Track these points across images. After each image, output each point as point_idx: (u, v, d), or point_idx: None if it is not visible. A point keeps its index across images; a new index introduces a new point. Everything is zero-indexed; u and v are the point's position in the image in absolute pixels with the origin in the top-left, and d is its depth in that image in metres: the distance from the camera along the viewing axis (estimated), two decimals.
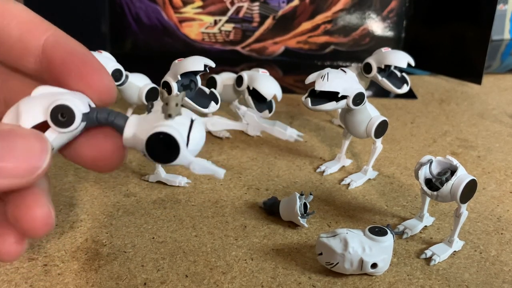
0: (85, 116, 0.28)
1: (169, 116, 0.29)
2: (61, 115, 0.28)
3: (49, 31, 0.28)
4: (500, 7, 0.95)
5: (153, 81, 0.59)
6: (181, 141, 0.28)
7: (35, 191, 0.26)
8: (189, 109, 0.50)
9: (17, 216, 0.25)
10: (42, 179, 0.27)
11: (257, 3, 0.86)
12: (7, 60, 0.28)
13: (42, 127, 0.27)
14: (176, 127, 0.28)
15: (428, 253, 0.42)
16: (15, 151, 0.24)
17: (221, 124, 0.32)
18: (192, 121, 0.30)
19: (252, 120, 0.32)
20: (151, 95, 0.59)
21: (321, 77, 0.46)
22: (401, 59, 0.55)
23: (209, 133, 0.63)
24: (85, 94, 0.28)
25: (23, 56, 0.28)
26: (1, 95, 0.30)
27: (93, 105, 0.29)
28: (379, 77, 0.56)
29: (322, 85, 0.46)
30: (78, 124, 0.28)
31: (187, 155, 0.28)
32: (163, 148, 0.28)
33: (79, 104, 0.28)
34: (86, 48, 0.28)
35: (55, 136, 0.28)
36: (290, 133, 0.31)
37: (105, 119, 0.29)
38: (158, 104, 0.29)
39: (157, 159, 0.29)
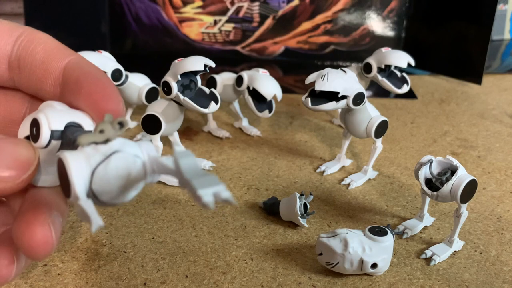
0: (57, 134, 0.26)
1: (73, 142, 0.25)
2: (35, 130, 0.26)
3: (71, 56, 0.29)
4: (500, 7, 0.95)
5: (153, 81, 0.59)
6: (74, 173, 0.22)
7: (40, 209, 0.26)
8: (189, 109, 0.50)
9: (17, 233, 0.25)
10: (58, 198, 0.28)
11: (257, 3, 0.86)
12: (29, 83, 0.29)
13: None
14: (83, 157, 0.23)
15: (428, 253, 0.42)
16: (3, 157, 0.25)
17: (160, 168, 0.24)
18: (111, 154, 0.23)
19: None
20: (151, 95, 0.59)
21: (321, 77, 0.46)
22: (401, 59, 0.55)
23: (209, 133, 0.63)
24: (89, 112, 0.27)
25: (44, 78, 0.28)
26: None
27: (89, 128, 0.26)
28: (379, 77, 0.56)
29: (322, 85, 0.46)
30: (46, 140, 0.26)
31: (78, 191, 0.23)
32: (62, 178, 0.24)
33: (53, 121, 0.26)
34: (104, 73, 0.28)
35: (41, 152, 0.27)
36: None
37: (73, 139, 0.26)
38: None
39: (62, 189, 0.24)
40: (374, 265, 0.38)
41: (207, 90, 0.49)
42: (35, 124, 0.26)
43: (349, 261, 0.37)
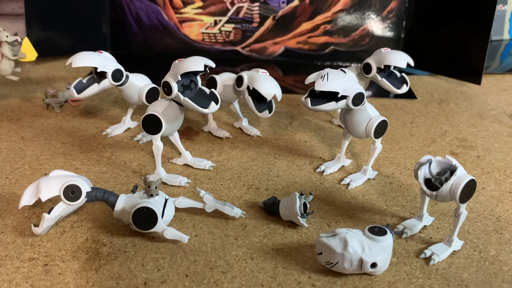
0: (88, 194, 0.41)
1: (150, 196, 0.41)
2: (71, 192, 0.41)
3: None
4: (499, 7, 0.95)
5: (154, 81, 0.60)
6: (159, 214, 0.41)
7: None
8: (189, 109, 0.50)
9: None
10: None
11: (257, 4, 0.86)
12: None
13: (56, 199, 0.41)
14: (155, 204, 0.41)
15: (428, 252, 0.42)
16: None
17: (186, 203, 0.44)
18: (166, 200, 0.43)
19: (209, 200, 0.44)
20: (151, 95, 0.59)
21: (321, 77, 0.46)
22: (400, 59, 0.55)
23: (209, 133, 0.63)
24: None
25: None
26: None
27: (91, 186, 0.42)
28: (379, 77, 0.56)
29: (322, 85, 0.46)
30: (83, 200, 0.41)
31: (162, 224, 0.41)
32: (145, 218, 0.41)
33: (85, 185, 0.41)
34: None
35: (64, 207, 0.41)
36: (235, 212, 0.45)
37: (102, 196, 0.42)
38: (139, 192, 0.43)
39: (140, 226, 0.41)
40: (373, 265, 0.38)
41: (207, 90, 0.49)
42: (72, 188, 0.41)
43: (348, 260, 0.38)
